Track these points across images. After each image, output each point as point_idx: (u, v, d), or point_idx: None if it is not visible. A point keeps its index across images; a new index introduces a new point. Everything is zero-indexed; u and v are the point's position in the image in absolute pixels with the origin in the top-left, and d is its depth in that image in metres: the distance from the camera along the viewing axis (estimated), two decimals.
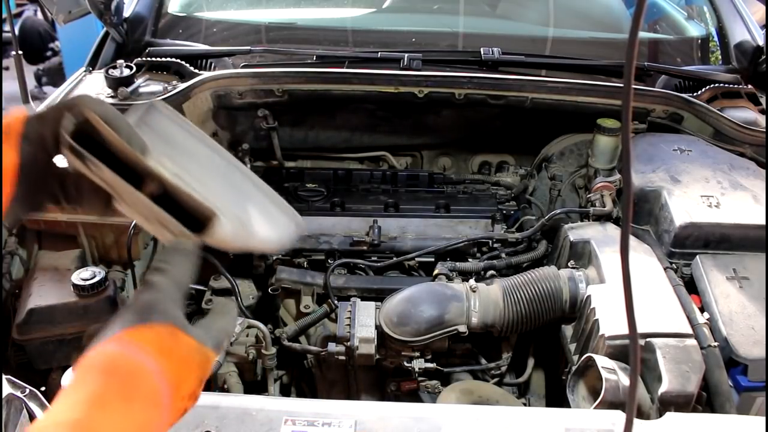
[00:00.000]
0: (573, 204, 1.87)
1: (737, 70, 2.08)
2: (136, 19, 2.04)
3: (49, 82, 5.37)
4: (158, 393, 0.59)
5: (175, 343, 0.62)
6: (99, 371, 0.59)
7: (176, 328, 0.63)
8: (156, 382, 0.59)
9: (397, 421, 1.04)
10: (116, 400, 0.57)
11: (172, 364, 0.61)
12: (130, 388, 0.58)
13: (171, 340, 0.62)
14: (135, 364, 0.59)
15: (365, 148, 2.08)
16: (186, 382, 0.63)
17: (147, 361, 0.59)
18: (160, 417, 0.60)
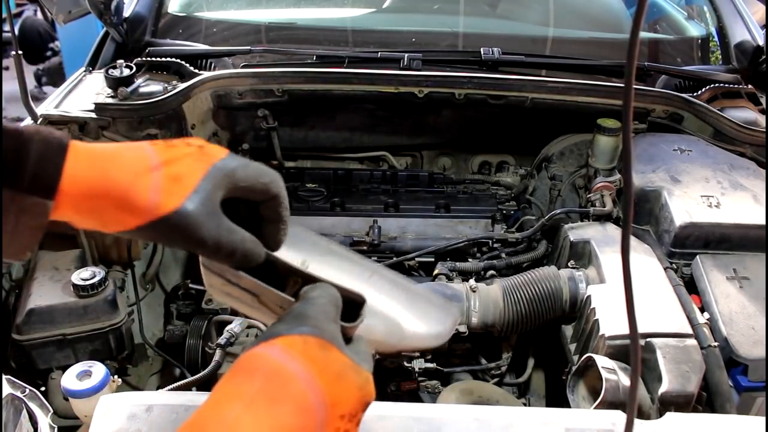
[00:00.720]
0: (573, 204, 1.87)
1: (737, 70, 2.08)
2: (136, 19, 2.04)
3: (49, 82, 5.37)
4: (307, 400, 0.56)
5: (326, 357, 0.59)
6: (244, 371, 0.57)
7: (328, 343, 0.60)
8: (304, 388, 0.56)
9: (397, 421, 1.03)
10: (261, 400, 0.55)
11: (325, 377, 0.58)
12: (277, 390, 0.56)
13: (322, 352, 0.59)
14: (282, 368, 0.57)
15: (365, 148, 2.08)
16: (344, 401, 0.59)
17: (294, 366, 0.57)
18: (313, 427, 0.57)
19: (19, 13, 5.80)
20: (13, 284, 1.47)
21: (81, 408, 1.21)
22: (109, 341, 1.40)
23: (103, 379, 1.21)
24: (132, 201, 0.59)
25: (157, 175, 0.59)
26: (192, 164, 0.61)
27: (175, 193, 0.59)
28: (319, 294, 0.64)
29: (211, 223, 0.61)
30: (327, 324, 0.61)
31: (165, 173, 0.60)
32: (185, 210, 0.60)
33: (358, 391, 0.60)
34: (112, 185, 0.58)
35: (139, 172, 0.59)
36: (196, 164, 0.61)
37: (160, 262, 1.76)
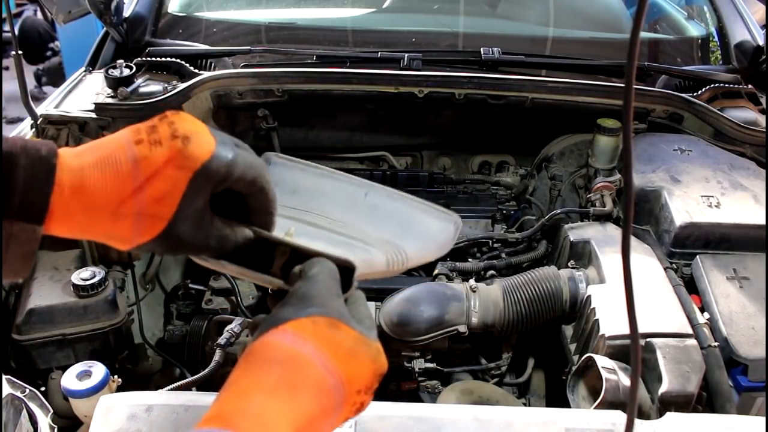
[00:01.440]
0: (573, 204, 1.87)
1: (737, 70, 2.07)
2: (136, 19, 2.04)
3: (49, 82, 5.37)
4: (326, 382, 0.57)
5: (338, 335, 0.59)
6: (260, 361, 0.56)
7: (337, 320, 0.59)
8: (321, 371, 0.57)
9: (397, 421, 1.03)
10: (282, 388, 0.55)
11: (339, 355, 0.58)
12: (295, 376, 0.56)
13: (332, 331, 0.59)
14: (297, 353, 0.56)
15: (365, 148, 2.08)
16: (360, 377, 0.60)
17: (308, 349, 0.57)
18: (333, 408, 0.58)
19: (19, 13, 5.80)
20: (13, 284, 1.47)
21: (81, 408, 1.21)
22: (109, 341, 1.40)
23: (103, 379, 1.21)
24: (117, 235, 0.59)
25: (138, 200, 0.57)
26: (173, 176, 0.58)
27: (157, 217, 0.58)
28: (318, 270, 0.63)
29: (199, 234, 0.62)
30: (332, 301, 0.61)
31: (146, 196, 0.58)
32: (170, 231, 0.59)
33: (371, 364, 0.61)
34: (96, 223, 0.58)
35: (121, 199, 0.57)
36: (177, 174, 0.58)
37: (160, 262, 1.76)
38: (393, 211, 0.85)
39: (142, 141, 0.59)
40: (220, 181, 0.60)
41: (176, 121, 0.60)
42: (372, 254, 0.78)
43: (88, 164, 0.57)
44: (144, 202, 0.58)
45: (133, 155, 0.58)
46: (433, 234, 0.86)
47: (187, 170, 0.58)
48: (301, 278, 0.63)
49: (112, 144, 0.59)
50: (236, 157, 0.60)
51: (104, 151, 0.58)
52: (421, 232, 0.85)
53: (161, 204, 0.58)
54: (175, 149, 0.58)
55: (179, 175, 0.58)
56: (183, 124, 0.60)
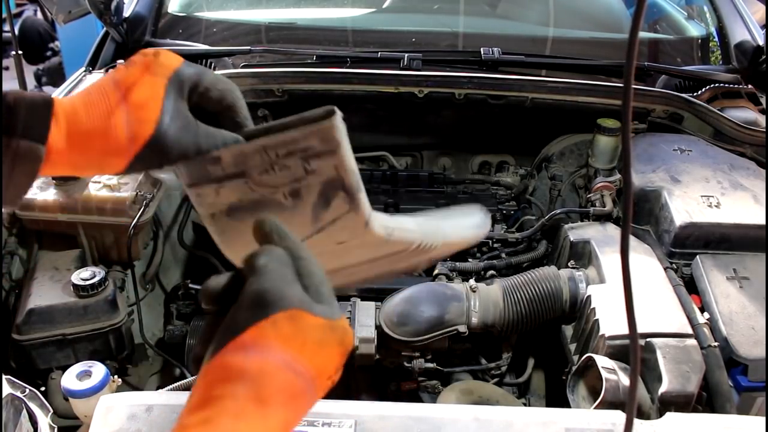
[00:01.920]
0: (573, 204, 1.87)
1: (737, 70, 2.07)
2: (136, 19, 2.04)
3: (49, 82, 5.37)
4: (295, 386, 0.55)
5: (302, 328, 0.55)
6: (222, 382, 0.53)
7: (298, 311, 0.56)
8: (290, 376, 0.54)
9: (397, 421, 1.03)
10: (249, 406, 0.52)
11: (307, 351, 0.55)
12: (262, 390, 0.53)
13: (296, 326, 0.55)
14: (261, 365, 0.53)
15: (365, 148, 2.08)
16: (329, 365, 0.58)
17: (273, 356, 0.54)
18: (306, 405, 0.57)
19: (19, 13, 5.80)
20: (13, 284, 1.47)
21: (81, 408, 1.21)
22: (109, 341, 1.40)
23: (103, 379, 1.21)
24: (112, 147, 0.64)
25: (124, 109, 0.63)
26: (151, 83, 0.64)
27: (144, 120, 0.63)
28: (266, 260, 0.58)
29: (188, 134, 0.65)
30: (289, 290, 0.57)
31: (130, 104, 0.63)
32: (159, 133, 0.64)
33: (339, 347, 0.58)
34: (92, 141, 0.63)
35: (109, 112, 0.63)
36: (154, 82, 0.64)
37: (160, 262, 1.76)
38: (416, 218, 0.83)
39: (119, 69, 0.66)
40: (193, 87, 0.66)
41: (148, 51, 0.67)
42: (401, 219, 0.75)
43: (78, 97, 0.65)
44: (130, 109, 0.63)
45: (113, 78, 0.65)
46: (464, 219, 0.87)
47: (162, 76, 0.65)
48: (251, 272, 0.58)
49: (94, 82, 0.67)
50: (203, 72, 0.67)
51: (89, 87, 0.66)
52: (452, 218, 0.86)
53: (145, 109, 0.63)
54: (147, 61, 0.65)
55: (156, 80, 0.64)
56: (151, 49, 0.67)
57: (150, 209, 1.52)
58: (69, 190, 1.49)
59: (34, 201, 1.48)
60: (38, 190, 1.50)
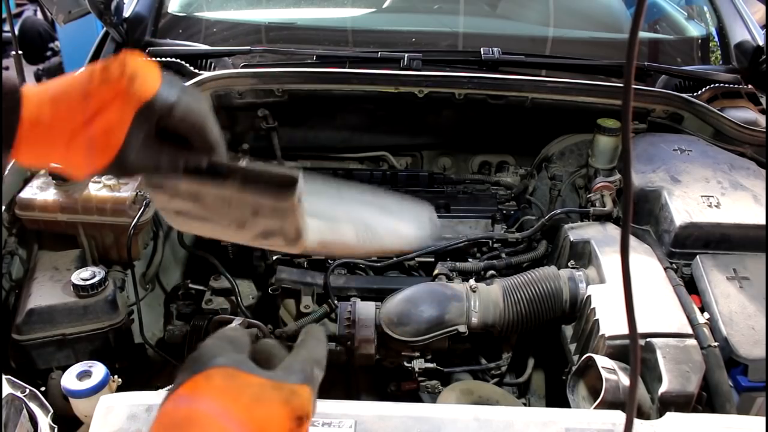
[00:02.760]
0: (573, 204, 1.87)
1: (737, 70, 2.07)
2: (136, 19, 2.04)
3: None
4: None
5: (237, 384, 0.56)
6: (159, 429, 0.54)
7: (235, 370, 0.56)
8: (223, 424, 0.53)
9: (397, 421, 1.04)
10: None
11: (242, 404, 0.55)
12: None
13: (230, 381, 0.56)
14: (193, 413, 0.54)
15: (365, 148, 2.08)
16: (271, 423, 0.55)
17: (204, 405, 0.54)
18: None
19: (19, 13, 5.80)
20: (13, 284, 1.47)
21: (81, 408, 1.21)
22: (109, 341, 1.40)
23: (103, 379, 1.21)
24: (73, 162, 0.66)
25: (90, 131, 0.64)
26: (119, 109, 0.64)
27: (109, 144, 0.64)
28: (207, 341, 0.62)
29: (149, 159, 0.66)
30: (229, 354, 0.59)
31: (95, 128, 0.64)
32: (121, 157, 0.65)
33: (282, 407, 0.56)
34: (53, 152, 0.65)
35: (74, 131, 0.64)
36: (123, 108, 0.64)
37: (160, 262, 1.76)
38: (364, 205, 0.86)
39: (94, 79, 0.65)
40: (162, 117, 0.66)
41: (127, 61, 0.65)
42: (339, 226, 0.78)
43: (46, 100, 0.65)
44: (94, 132, 0.64)
45: (85, 91, 0.64)
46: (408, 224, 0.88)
47: (132, 106, 0.64)
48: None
49: (68, 81, 0.66)
50: (178, 100, 0.66)
51: (61, 88, 0.65)
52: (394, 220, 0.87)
53: (110, 134, 0.64)
54: (122, 86, 0.64)
55: (125, 109, 0.64)
56: (133, 63, 0.65)
57: (150, 209, 1.52)
58: (69, 190, 1.49)
59: (34, 201, 1.48)
60: (38, 190, 1.50)
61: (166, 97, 0.65)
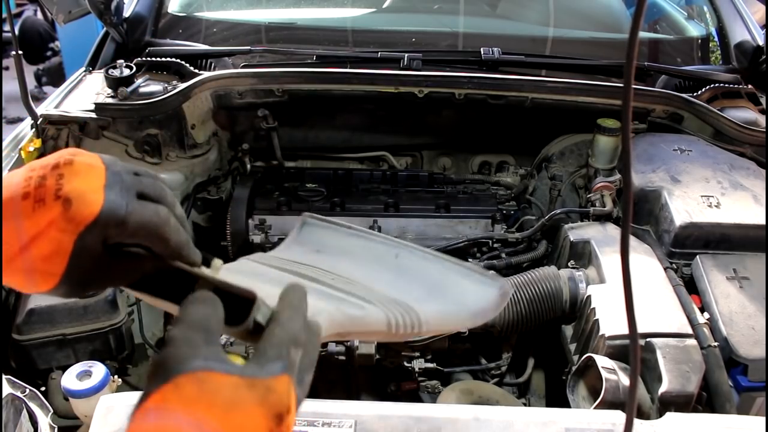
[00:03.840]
0: (573, 204, 1.87)
1: (737, 70, 2.08)
2: (136, 19, 2.04)
3: (49, 82, 5.37)
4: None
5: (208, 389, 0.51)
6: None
7: (203, 372, 0.52)
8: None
9: (397, 421, 1.04)
10: None
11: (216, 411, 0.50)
12: None
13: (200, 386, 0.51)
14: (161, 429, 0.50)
15: (365, 148, 2.08)
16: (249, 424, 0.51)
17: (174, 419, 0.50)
18: None
19: (19, 13, 5.80)
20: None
21: (81, 408, 1.21)
22: (109, 341, 1.40)
23: (103, 379, 1.21)
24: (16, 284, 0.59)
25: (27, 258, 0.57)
26: (56, 237, 0.57)
27: (50, 272, 0.58)
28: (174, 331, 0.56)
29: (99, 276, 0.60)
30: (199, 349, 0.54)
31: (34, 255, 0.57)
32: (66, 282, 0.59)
33: (259, 408, 0.52)
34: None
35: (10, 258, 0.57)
36: (60, 237, 0.57)
37: None
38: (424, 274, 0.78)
39: (29, 195, 0.57)
40: (110, 236, 0.59)
41: (65, 174, 0.58)
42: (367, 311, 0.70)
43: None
44: (32, 260, 0.57)
45: (18, 213, 0.57)
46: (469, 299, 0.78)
47: (70, 233, 0.57)
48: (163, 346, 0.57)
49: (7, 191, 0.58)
50: (127, 216, 0.58)
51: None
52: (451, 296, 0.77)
53: (50, 262, 0.57)
54: (57, 211, 0.56)
55: (63, 237, 0.57)
56: (70, 180, 0.57)
57: None
58: None
59: None
60: None
61: (114, 212, 0.57)
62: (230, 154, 1.99)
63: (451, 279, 0.79)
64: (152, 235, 0.61)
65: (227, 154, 1.99)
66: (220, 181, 1.97)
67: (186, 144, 1.82)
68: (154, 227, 0.60)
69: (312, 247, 0.79)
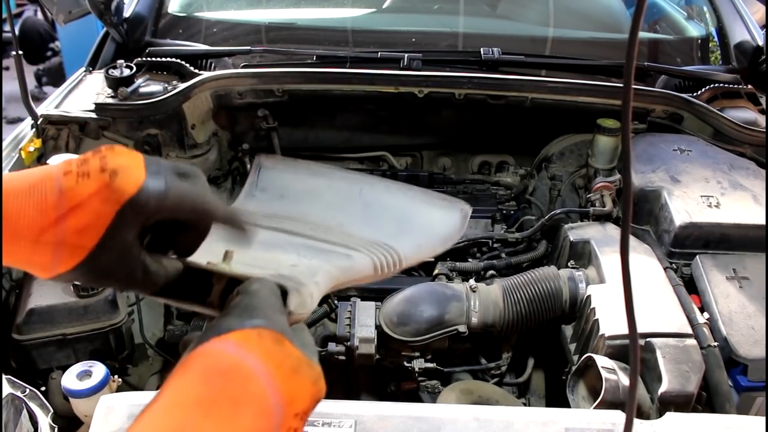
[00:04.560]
0: (573, 204, 1.87)
1: (737, 70, 2.08)
2: (136, 19, 2.04)
3: (49, 82, 5.37)
4: (268, 400, 0.53)
5: (282, 351, 0.56)
6: (201, 372, 0.52)
7: (282, 336, 0.56)
8: (265, 386, 0.53)
9: (397, 421, 1.04)
10: (223, 403, 0.51)
11: (282, 373, 0.55)
12: (238, 390, 0.52)
13: (277, 346, 0.56)
14: (241, 364, 0.53)
15: (365, 148, 2.08)
16: (300, 399, 0.56)
17: (252, 361, 0.53)
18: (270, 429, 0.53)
19: (19, 13, 5.80)
20: (13, 284, 1.47)
21: (81, 408, 1.21)
22: (109, 341, 1.40)
23: (103, 379, 1.21)
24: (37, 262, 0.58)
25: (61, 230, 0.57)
26: (97, 208, 0.57)
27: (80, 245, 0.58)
28: (259, 287, 0.60)
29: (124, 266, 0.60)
30: (276, 316, 0.59)
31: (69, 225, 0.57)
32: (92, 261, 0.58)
33: (312, 386, 0.57)
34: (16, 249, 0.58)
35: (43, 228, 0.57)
36: (102, 207, 0.57)
37: None
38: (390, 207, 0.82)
39: (70, 172, 0.58)
40: (150, 214, 0.59)
41: (108, 155, 0.59)
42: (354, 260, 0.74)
43: (13, 192, 0.57)
44: (66, 231, 0.57)
45: (59, 186, 0.57)
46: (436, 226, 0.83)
47: (113, 203, 0.57)
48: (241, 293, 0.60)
49: (41, 173, 0.59)
50: (167, 191, 0.59)
51: (31, 180, 0.58)
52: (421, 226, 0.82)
53: (83, 235, 0.57)
54: (102, 182, 0.57)
55: (104, 208, 0.57)
56: (114, 158, 0.59)
57: None
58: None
59: None
60: None
61: (156, 185, 0.59)
62: (230, 154, 1.99)
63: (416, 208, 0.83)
64: (196, 208, 0.62)
65: (227, 154, 1.99)
66: (220, 181, 1.97)
67: (186, 144, 1.82)
68: (196, 198, 0.62)
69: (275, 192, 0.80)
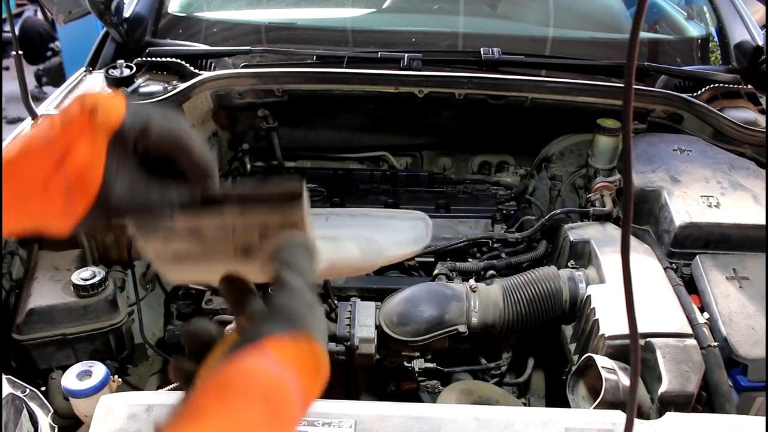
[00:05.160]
0: (573, 204, 1.87)
1: (737, 70, 2.07)
2: (136, 19, 2.04)
3: (50, 82, 5.37)
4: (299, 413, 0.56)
5: (310, 355, 0.57)
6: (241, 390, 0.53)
7: (312, 338, 0.58)
8: (297, 401, 0.55)
9: (397, 421, 1.04)
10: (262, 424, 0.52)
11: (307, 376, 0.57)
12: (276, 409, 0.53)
13: (308, 352, 0.57)
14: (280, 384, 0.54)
15: (365, 148, 2.08)
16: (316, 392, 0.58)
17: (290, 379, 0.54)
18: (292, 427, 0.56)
19: (19, 13, 5.80)
20: (13, 284, 1.47)
21: (81, 408, 1.21)
22: (109, 341, 1.40)
23: (103, 379, 1.21)
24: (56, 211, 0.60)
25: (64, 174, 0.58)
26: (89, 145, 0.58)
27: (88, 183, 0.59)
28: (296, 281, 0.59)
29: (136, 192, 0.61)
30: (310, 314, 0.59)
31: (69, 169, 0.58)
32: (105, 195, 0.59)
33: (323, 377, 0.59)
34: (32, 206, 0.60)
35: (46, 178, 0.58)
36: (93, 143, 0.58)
37: None
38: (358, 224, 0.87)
39: (55, 124, 0.60)
40: (138, 140, 0.60)
41: (86, 97, 0.60)
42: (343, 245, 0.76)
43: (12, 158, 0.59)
44: (69, 175, 0.58)
45: (47, 137, 0.59)
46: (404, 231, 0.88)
47: (101, 136, 0.59)
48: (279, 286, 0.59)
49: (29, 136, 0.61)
50: (150, 118, 0.61)
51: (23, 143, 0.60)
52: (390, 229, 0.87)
53: (86, 171, 0.59)
54: (84, 121, 0.59)
55: (95, 141, 0.59)
56: (92, 98, 0.60)
57: None
58: None
59: None
60: None
61: (138, 119, 0.60)
62: (230, 154, 2.00)
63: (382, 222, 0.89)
64: (178, 143, 0.62)
65: (227, 154, 1.99)
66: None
67: None
68: (177, 135, 0.62)
69: None
